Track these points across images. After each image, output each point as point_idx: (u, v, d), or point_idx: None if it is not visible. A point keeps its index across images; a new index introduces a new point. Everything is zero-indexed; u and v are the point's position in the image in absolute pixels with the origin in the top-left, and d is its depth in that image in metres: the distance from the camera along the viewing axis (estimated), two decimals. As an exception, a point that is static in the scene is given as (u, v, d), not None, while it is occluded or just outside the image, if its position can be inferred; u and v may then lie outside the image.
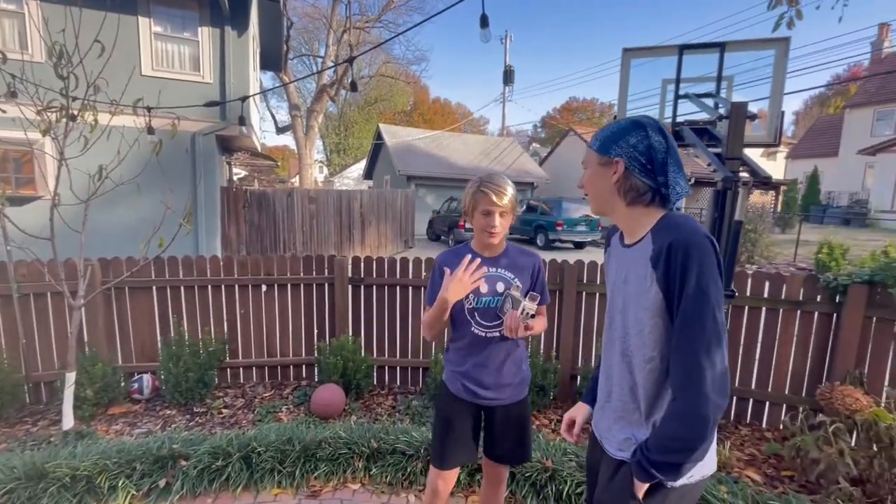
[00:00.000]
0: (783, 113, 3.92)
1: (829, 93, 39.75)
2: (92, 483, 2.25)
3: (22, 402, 3.21)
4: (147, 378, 3.40)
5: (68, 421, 2.74)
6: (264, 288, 3.64)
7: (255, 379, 3.75)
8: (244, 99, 4.86)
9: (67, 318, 3.22)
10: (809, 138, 26.19)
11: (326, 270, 3.67)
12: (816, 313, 2.94)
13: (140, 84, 6.80)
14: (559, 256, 3.78)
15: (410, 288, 3.63)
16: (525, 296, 1.56)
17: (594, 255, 12.90)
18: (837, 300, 2.86)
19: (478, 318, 1.60)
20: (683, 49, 3.92)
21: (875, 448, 2.21)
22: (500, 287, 1.60)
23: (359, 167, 33.38)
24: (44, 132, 2.63)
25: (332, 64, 17.81)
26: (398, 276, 3.63)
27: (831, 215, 19.29)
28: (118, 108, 2.81)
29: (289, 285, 3.65)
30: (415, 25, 11.75)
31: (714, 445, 1.05)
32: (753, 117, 3.34)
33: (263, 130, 20.02)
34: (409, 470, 2.45)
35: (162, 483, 2.31)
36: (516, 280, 1.62)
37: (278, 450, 2.49)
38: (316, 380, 3.69)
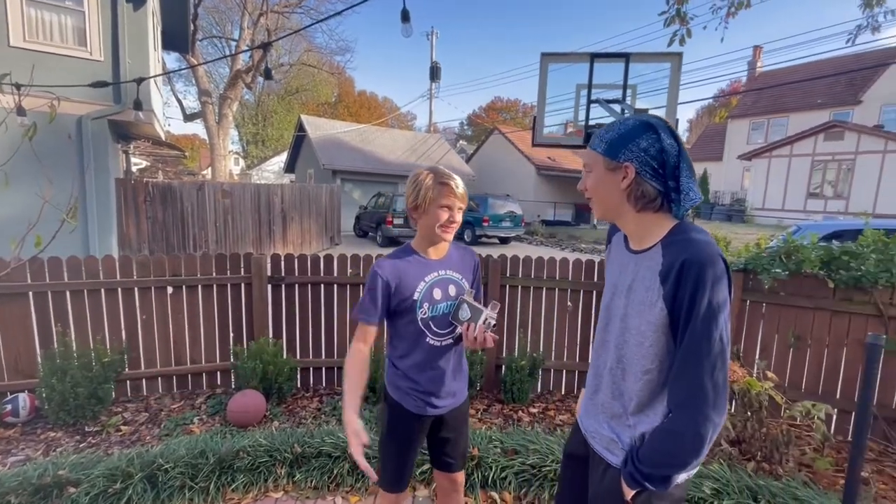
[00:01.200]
0: (678, 120, 4.38)
1: (716, 104, 45.11)
2: (-50, 525, 1.91)
3: None
4: (23, 397, 2.94)
5: (-85, 455, 2.29)
6: (170, 290, 3.32)
7: (161, 390, 3.41)
8: (139, 81, 4.35)
9: (-88, 332, 2.68)
10: (700, 144, 29.60)
11: (242, 269, 3.43)
12: (704, 298, 3.33)
13: (8, 57, 5.86)
14: (485, 251, 3.90)
15: (336, 286, 3.53)
16: (476, 298, 1.49)
17: (518, 249, 13.48)
18: (720, 286, 3.26)
19: (433, 327, 1.48)
20: (594, 57, 4.22)
21: (748, 413, 2.57)
22: (452, 290, 1.50)
23: (279, 160, 31.63)
24: None
25: (246, 48, 16.64)
26: (322, 274, 3.50)
27: (717, 212, 22.06)
28: (-23, 83, 2.38)
29: (199, 286, 3.36)
30: (336, 14, 11.35)
31: None
32: (653, 123, 3.70)
33: (168, 117, 18.20)
34: (335, 472, 2.39)
35: (45, 516, 2.03)
36: (464, 282, 1.54)
37: (189, 464, 2.29)
38: (233, 386, 3.45)
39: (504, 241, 14.90)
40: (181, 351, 3.40)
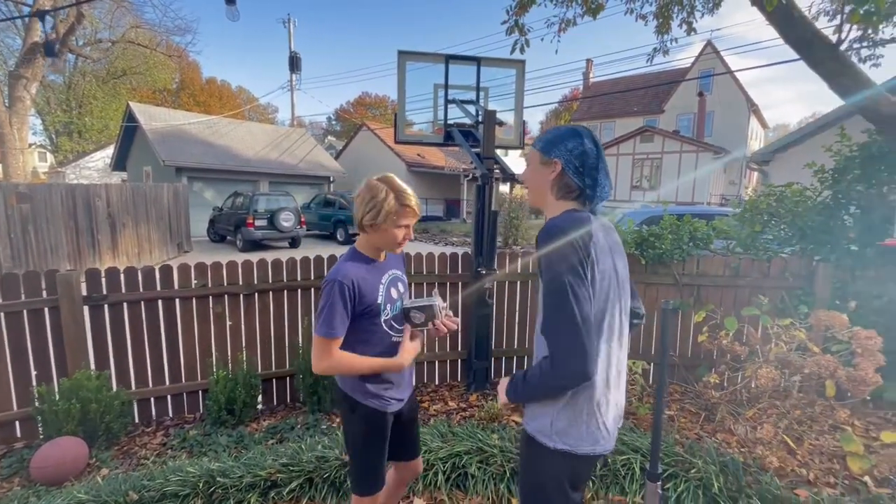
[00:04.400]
0: (525, 122, 4.83)
1: (560, 108, 51.18)
2: None
3: None
4: None
5: None
6: (-71, 326, 2.53)
7: (-76, 459, 2.59)
8: None
9: None
10: (549, 143, 33.31)
11: (45, 291, 2.77)
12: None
13: None
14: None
15: (178, 300, 3.07)
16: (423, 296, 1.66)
17: (392, 246, 13.50)
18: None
19: (394, 324, 1.55)
20: (449, 59, 4.40)
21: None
22: (401, 287, 1.62)
23: (104, 154, 26.47)
24: None
25: (42, 15, 13.45)
26: (159, 288, 3.02)
27: (565, 203, 25.10)
28: None
29: (-22, 317, 2.62)
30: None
31: (582, 429, 1.14)
32: (501, 123, 4.01)
33: (-74, 97, 14.00)
34: (185, 513, 2.09)
35: None
36: (404, 276, 1.65)
37: (-31, 549, 1.78)
38: (41, 436, 2.78)
39: (378, 238, 14.80)
40: (-46, 403, 2.62)
